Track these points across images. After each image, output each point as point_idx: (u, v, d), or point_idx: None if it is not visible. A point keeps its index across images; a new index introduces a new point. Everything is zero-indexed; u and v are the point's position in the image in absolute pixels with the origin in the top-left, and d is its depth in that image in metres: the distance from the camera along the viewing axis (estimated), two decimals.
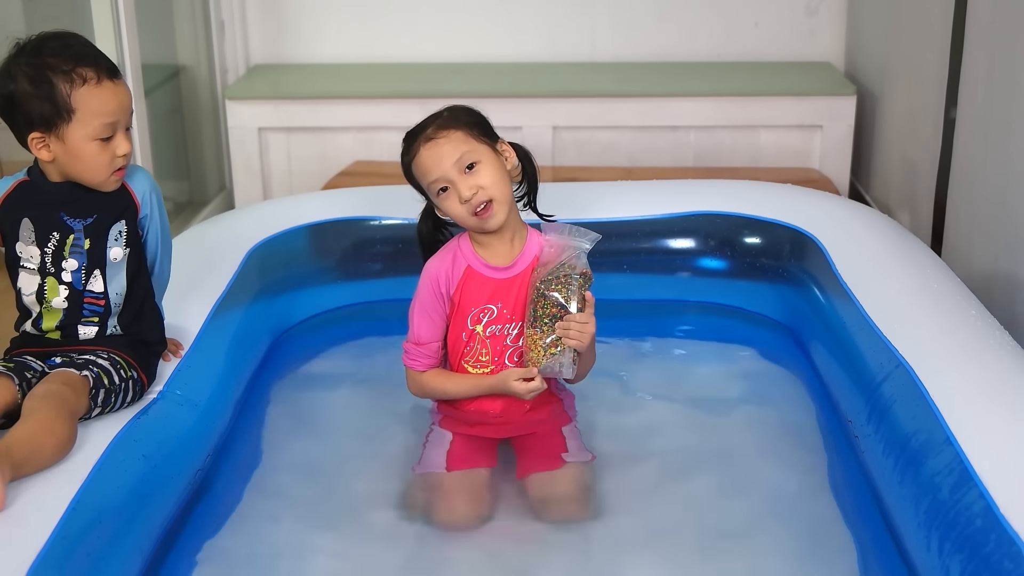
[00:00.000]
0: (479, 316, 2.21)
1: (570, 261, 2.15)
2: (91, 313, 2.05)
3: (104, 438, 1.93)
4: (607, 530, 2.10)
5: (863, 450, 2.21)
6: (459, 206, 2.13)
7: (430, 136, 2.15)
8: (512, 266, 2.22)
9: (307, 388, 2.67)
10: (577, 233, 2.17)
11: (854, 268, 2.62)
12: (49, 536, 1.67)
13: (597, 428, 2.40)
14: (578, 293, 2.14)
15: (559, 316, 2.13)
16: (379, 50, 4.54)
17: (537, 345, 2.15)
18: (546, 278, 2.14)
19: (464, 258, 2.22)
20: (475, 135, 2.15)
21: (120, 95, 1.96)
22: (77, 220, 2.02)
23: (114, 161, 1.97)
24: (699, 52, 4.51)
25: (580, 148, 4.17)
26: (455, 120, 2.16)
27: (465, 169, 2.12)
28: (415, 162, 2.16)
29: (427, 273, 2.24)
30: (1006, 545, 1.63)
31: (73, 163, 1.96)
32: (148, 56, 3.63)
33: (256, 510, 2.18)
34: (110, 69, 1.96)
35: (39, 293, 2.03)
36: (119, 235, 2.05)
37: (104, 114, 1.93)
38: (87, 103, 1.92)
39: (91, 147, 1.94)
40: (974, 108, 2.91)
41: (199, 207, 4.24)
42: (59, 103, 1.91)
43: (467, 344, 2.23)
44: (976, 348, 2.16)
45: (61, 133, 1.93)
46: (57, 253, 2.01)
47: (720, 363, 2.78)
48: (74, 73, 1.91)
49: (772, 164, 4.16)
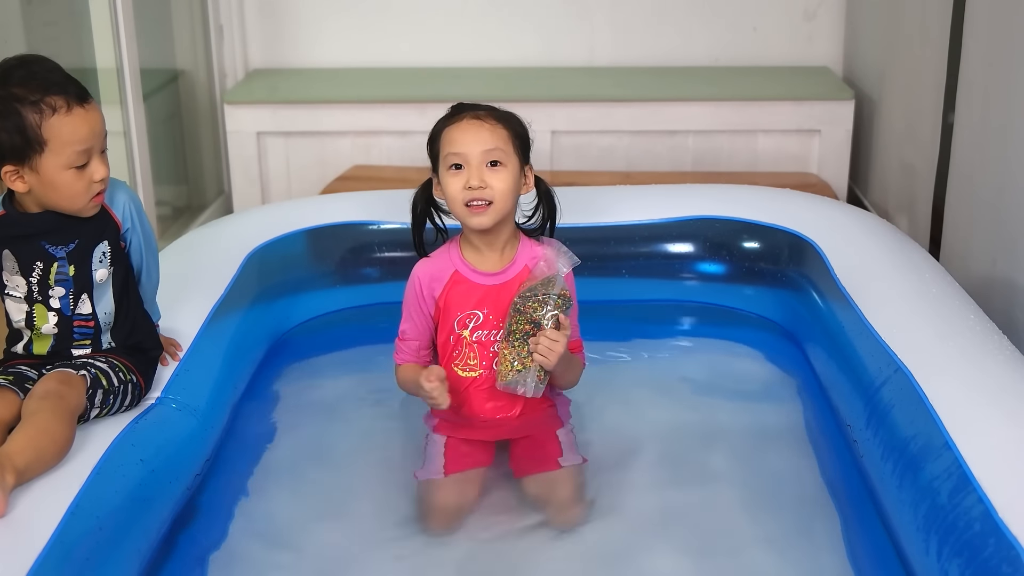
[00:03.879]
0: (465, 321, 2.22)
1: (551, 281, 2.15)
2: (82, 336, 2.03)
3: (102, 443, 1.93)
4: (600, 532, 2.10)
5: (862, 454, 2.21)
6: (459, 190, 2.13)
7: (479, 116, 2.16)
8: (501, 273, 2.22)
9: (305, 392, 2.66)
10: (559, 255, 2.18)
11: (852, 272, 2.62)
12: (47, 541, 1.66)
13: (592, 431, 2.40)
14: (553, 313, 2.14)
15: (531, 334, 2.14)
16: (378, 55, 4.54)
17: (506, 359, 2.17)
18: (524, 295, 2.16)
19: (452, 263, 2.23)
20: (515, 144, 2.17)
21: (92, 121, 1.90)
22: (59, 248, 1.97)
23: (91, 187, 1.92)
24: (697, 57, 4.52)
25: (579, 152, 4.17)
26: (508, 120, 2.18)
27: (488, 163, 2.13)
28: (451, 128, 2.16)
29: (413, 274, 2.27)
30: (1005, 549, 1.63)
31: (49, 193, 1.91)
32: (147, 60, 3.63)
33: (254, 514, 2.18)
34: (79, 95, 1.89)
35: (28, 320, 2.01)
36: (103, 256, 2.01)
37: (76, 142, 1.88)
38: (58, 133, 1.86)
39: (66, 176, 1.89)
40: (972, 113, 2.92)
41: (197, 211, 4.24)
42: (29, 135, 1.85)
43: (455, 348, 2.24)
44: (974, 352, 2.16)
45: (35, 164, 1.87)
46: (43, 282, 1.99)
47: (718, 367, 2.78)
48: (43, 103, 1.85)
49: (770, 168, 4.16)
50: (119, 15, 3.42)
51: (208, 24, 4.30)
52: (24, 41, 3.30)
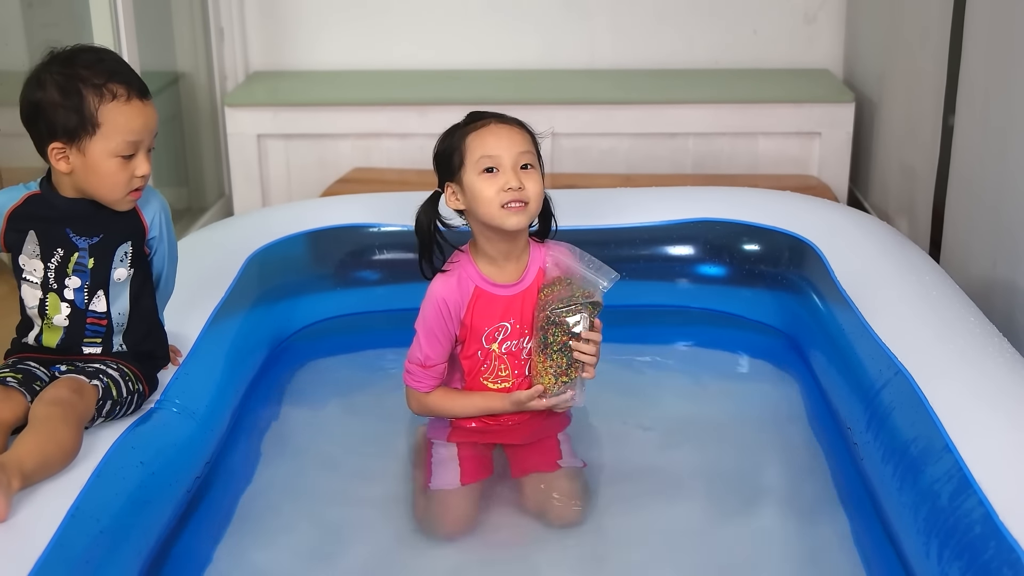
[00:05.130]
0: (494, 335, 2.20)
1: (586, 291, 2.15)
2: (93, 333, 2.03)
3: (102, 446, 1.93)
4: (599, 535, 2.10)
5: (862, 457, 2.20)
6: (496, 192, 2.10)
7: (505, 120, 2.16)
8: (520, 281, 2.21)
9: (306, 396, 2.66)
10: (595, 267, 2.18)
11: (853, 275, 2.62)
12: (48, 543, 1.66)
13: (591, 435, 2.40)
14: (589, 322, 2.15)
15: (568, 345, 2.14)
16: (378, 57, 4.54)
17: (548, 372, 2.16)
18: (556, 308, 2.14)
19: (471, 279, 2.20)
20: (535, 150, 2.17)
21: (147, 116, 1.95)
22: (83, 239, 2.00)
23: (132, 181, 1.95)
24: (698, 59, 4.52)
25: (579, 155, 4.18)
26: (525, 128, 2.18)
27: (520, 166, 2.12)
28: (480, 132, 2.13)
29: (432, 297, 2.20)
30: (1005, 552, 1.63)
31: (90, 178, 1.94)
32: (147, 63, 3.63)
33: (254, 518, 2.18)
34: (141, 89, 1.95)
35: (40, 308, 2.01)
36: (124, 256, 2.03)
37: (129, 132, 1.92)
38: (113, 119, 1.90)
39: (111, 164, 1.92)
40: (972, 115, 2.92)
41: (198, 214, 4.24)
42: (85, 115, 1.89)
43: (483, 362, 2.22)
44: (975, 355, 2.16)
45: (83, 146, 1.91)
46: (60, 269, 2.00)
47: (718, 369, 2.78)
48: (105, 88, 1.90)
49: (771, 171, 4.16)
50: (120, 17, 3.42)
51: (209, 26, 4.30)
52: (24, 43, 3.31)
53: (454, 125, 2.20)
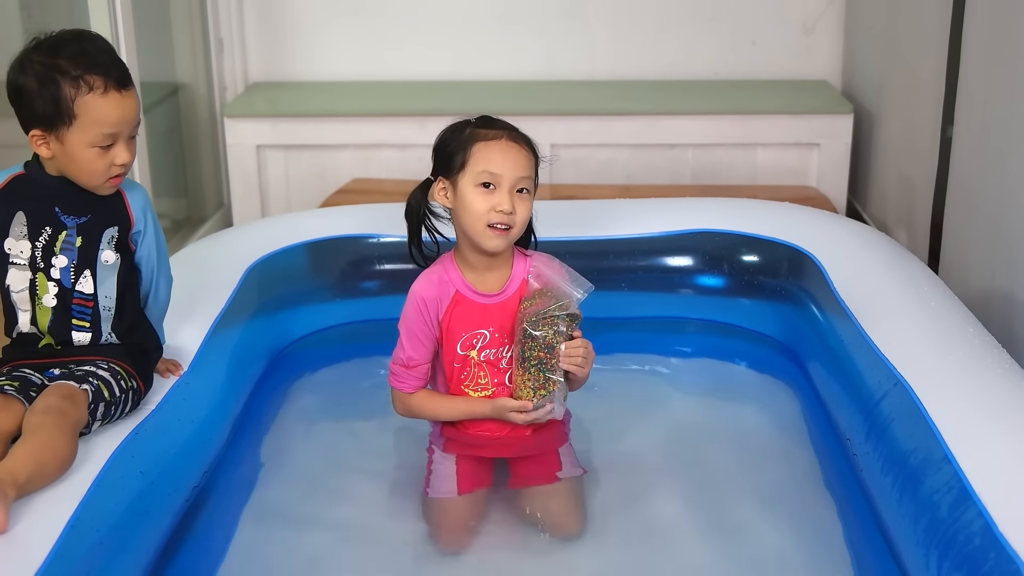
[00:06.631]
0: (471, 342, 2.19)
1: (561, 303, 2.14)
2: (80, 315, 2.04)
3: (102, 455, 1.93)
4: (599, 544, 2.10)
5: (861, 468, 2.20)
6: (486, 210, 2.09)
7: (516, 138, 2.14)
8: (502, 292, 2.20)
9: (305, 405, 2.66)
10: (572, 280, 2.16)
11: (852, 286, 2.62)
12: (48, 554, 1.66)
13: (591, 444, 2.40)
14: (566, 334, 2.13)
15: (545, 360, 2.12)
16: (378, 68, 4.55)
17: (526, 386, 2.14)
18: (533, 320, 2.12)
19: (452, 283, 2.18)
20: (535, 174, 2.16)
21: (125, 107, 1.95)
22: (71, 217, 2.01)
23: (111, 169, 1.97)
24: (697, 70, 4.53)
25: (578, 166, 4.18)
26: (533, 147, 2.16)
27: (517, 189, 2.11)
28: (489, 144, 2.11)
29: (413, 296, 2.20)
30: (1005, 563, 1.63)
31: (69, 165, 1.97)
32: (147, 74, 3.64)
33: (254, 527, 2.18)
34: (120, 80, 1.95)
35: (31, 288, 2.02)
36: (111, 239, 2.04)
37: (105, 124, 1.93)
38: (88, 111, 1.92)
39: (89, 153, 1.94)
40: (971, 126, 2.92)
41: (197, 224, 4.24)
42: (61, 107, 1.91)
43: (463, 370, 2.20)
44: (974, 366, 2.16)
45: (60, 135, 1.93)
46: (48, 248, 2.01)
47: (717, 380, 2.78)
48: (82, 79, 1.91)
49: (769, 182, 4.17)
50: (119, 28, 3.43)
51: (208, 37, 4.31)
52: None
53: (465, 121, 2.17)
